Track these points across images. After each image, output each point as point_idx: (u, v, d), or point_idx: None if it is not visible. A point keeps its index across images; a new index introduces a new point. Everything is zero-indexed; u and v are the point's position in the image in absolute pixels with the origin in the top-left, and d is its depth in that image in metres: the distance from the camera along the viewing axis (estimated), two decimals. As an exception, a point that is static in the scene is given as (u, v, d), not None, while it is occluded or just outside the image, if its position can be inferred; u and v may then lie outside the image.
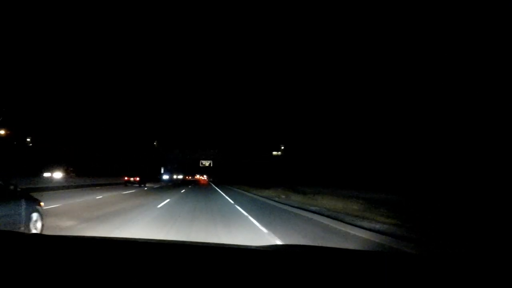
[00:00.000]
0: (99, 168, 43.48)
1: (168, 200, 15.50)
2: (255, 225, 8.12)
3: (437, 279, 1.06)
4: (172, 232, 6.55)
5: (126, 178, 32.47)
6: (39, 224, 5.58)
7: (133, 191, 22.98)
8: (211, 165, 67.59)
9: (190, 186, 37.53)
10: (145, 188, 27.76)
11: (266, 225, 7.89)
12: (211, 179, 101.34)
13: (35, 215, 5.50)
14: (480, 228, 7.05)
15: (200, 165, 65.11)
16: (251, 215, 10.05)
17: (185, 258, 1.30)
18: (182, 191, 25.47)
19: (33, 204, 5.57)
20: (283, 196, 18.33)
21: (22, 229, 4.94)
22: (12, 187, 5.09)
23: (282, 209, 12.54)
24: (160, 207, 11.99)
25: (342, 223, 8.11)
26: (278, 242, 5.76)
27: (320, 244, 5.44)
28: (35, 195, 6.41)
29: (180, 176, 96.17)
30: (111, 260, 1.22)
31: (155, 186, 32.95)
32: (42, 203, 5.89)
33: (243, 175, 56.28)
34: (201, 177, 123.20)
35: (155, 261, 1.23)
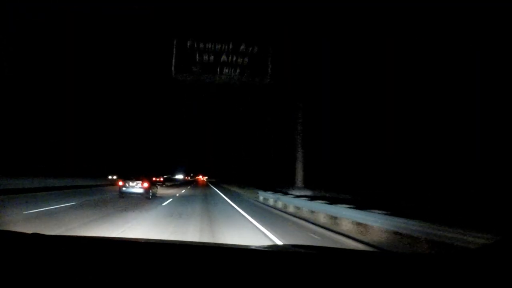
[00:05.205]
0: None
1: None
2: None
3: (436, 278, 1.08)
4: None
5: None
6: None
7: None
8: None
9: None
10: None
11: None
12: (213, 179, 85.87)
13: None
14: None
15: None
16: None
17: (186, 259, 1.32)
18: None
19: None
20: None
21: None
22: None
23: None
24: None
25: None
26: None
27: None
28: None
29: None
30: (111, 260, 1.24)
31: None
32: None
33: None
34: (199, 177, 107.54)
35: (156, 261, 1.24)
